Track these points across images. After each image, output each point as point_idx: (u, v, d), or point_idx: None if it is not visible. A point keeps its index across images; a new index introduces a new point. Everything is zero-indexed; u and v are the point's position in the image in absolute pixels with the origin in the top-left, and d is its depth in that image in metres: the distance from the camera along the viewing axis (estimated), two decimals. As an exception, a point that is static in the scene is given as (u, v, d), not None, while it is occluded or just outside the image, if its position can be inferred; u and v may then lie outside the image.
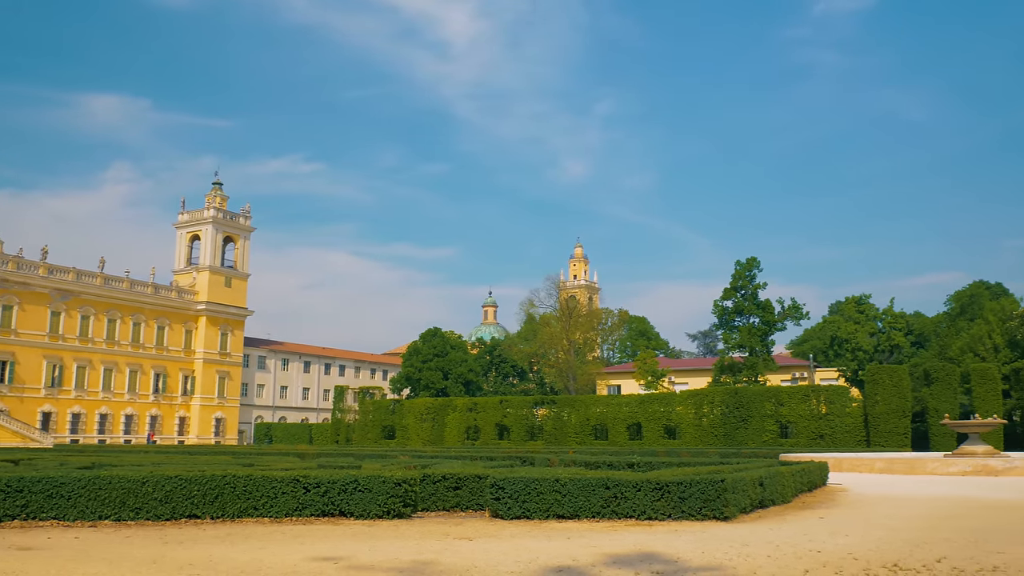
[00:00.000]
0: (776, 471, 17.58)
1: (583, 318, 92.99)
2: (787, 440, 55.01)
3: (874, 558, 10.28)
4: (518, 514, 14.50)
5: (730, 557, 10.30)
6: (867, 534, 12.58)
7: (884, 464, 30.18)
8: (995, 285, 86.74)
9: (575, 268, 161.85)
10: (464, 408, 68.59)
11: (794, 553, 10.69)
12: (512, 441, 64.32)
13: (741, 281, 67.52)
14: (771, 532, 12.81)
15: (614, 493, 14.32)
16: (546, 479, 14.67)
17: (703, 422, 57.94)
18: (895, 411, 51.54)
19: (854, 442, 52.84)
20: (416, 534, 12.74)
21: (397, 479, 14.79)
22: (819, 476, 22.02)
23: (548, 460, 26.05)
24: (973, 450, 31.96)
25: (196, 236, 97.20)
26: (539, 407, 66.54)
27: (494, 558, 10.38)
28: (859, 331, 73.22)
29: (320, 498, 14.68)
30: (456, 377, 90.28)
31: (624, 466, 22.35)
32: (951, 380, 52.44)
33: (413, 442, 67.62)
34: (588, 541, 11.78)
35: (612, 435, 60.96)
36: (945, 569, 9.49)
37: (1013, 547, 11.08)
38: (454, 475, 16.47)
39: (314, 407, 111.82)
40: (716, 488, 14.03)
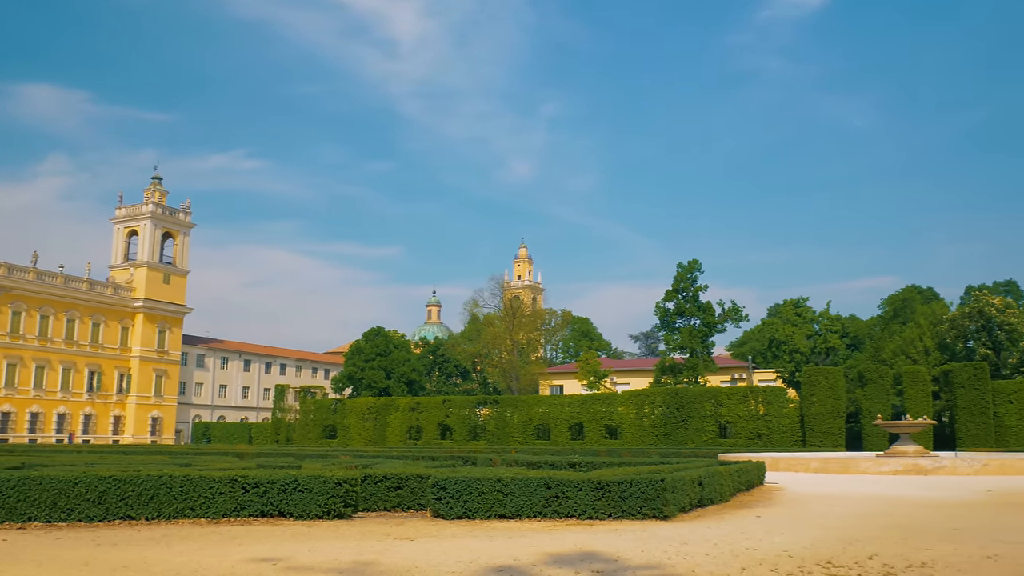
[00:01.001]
0: (715, 471, 17.83)
1: (527, 318, 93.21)
2: (726, 440, 55.83)
3: (808, 556, 10.49)
4: (459, 514, 14.49)
5: (669, 556, 10.43)
6: (802, 532, 12.83)
7: (819, 464, 30.80)
8: (927, 290, 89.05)
9: (519, 268, 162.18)
10: (406, 408, 68.26)
11: (731, 551, 10.86)
12: (454, 441, 64.21)
13: (683, 283, 68.31)
14: (709, 531, 12.99)
15: (556, 493, 14.38)
16: (488, 479, 14.68)
17: (644, 422, 58.49)
18: (830, 412, 52.63)
19: (791, 442, 53.84)
20: (357, 534, 12.65)
21: (338, 479, 14.67)
22: (756, 475, 22.39)
23: (490, 460, 26.07)
24: (904, 450, 32.78)
25: (134, 231, 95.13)
26: (482, 407, 66.54)
27: (435, 558, 10.35)
28: (796, 333, 74.57)
29: (259, 498, 14.49)
30: (399, 377, 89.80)
31: (566, 466, 22.46)
32: (884, 382, 53.73)
33: (355, 442, 67.09)
34: (529, 541, 11.82)
35: (554, 435, 61.22)
36: (876, 566, 9.72)
37: (941, 544, 11.40)
38: (395, 475, 16.39)
39: (254, 406, 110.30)
40: (656, 488, 14.18)
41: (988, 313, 63.58)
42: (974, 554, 10.51)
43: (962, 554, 10.51)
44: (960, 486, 22.63)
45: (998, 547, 11.05)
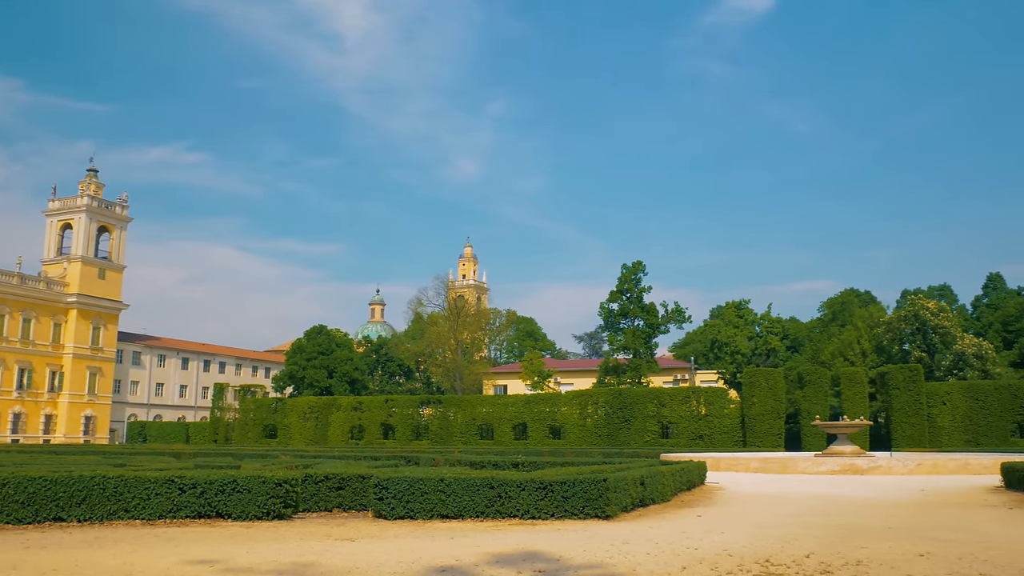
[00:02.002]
0: (657, 471, 17.96)
1: (471, 318, 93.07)
2: (668, 440, 56.38)
3: (747, 554, 10.60)
4: (402, 514, 14.37)
5: (611, 555, 10.45)
6: (741, 531, 12.97)
7: (759, 464, 31.24)
8: (864, 293, 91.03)
9: (464, 268, 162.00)
10: (349, 407, 67.67)
11: (672, 550, 10.93)
12: (397, 441, 63.84)
13: (627, 284, 68.81)
14: (651, 530, 13.06)
15: (498, 493, 14.34)
16: (430, 479, 14.59)
17: (587, 422, 58.78)
18: (770, 412, 53.47)
19: (731, 442, 54.57)
20: (297, 535, 12.46)
21: (278, 479, 14.44)
22: (698, 475, 22.61)
23: (433, 460, 25.97)
24: (841, 450, 33.41)
25: (68, 225, 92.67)
26: (425, 407, 66.24)
27: (376, 559, 10.24)
28: (738, 335, 75.62)
29: (196, 499, 14.20)
30: (341, 376, 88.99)
31: (509, 466, 22.46)
32: (822, 383, 54.76)
33: (295, 441, 66.30)
34: (472, 541, 11.76)
35: (498, 435, 61.22)
36: (813, 564, 9.86)
37: (876, 542, 11.61)
38: (337, 475, 16.21)
39: (192, 405, 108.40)
40: (599, 487, 14.23)
41: (923, 317, 65.19)
42: (907, 551, 10.73)
43: (896, 552, 10.72)
44: (895, 485, 23.13)
45: (930, 545, 11.29)
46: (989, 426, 50.93)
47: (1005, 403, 51.10)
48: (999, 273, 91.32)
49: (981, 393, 51.87)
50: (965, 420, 51.49)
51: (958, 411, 51.73)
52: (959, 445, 50.29)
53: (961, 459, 29.62)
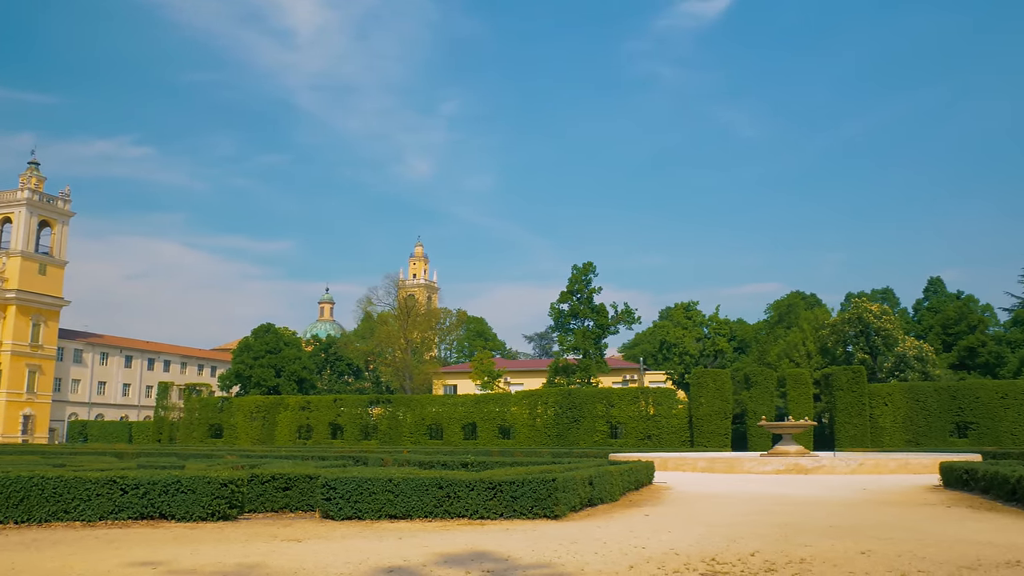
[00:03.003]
0: (605, 470, 18.06)
1: (421, 317, 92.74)
2: (617, 440, 56.75)
3: (694, 553, 10.71)
4: (350, 514, 14.25)
5: (559, 555, 10.48)
6: (688, 530, 13.09)
7: (706, 463, 31.58)
8: (810, 296, 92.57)
9: (415, 267, 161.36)
10: (296, 407, 66.99)
11: (620, 550, 10.99)
12: (346, 440, 63.35)
13: (577, 285, 69.13)
14: (599, 530, 13.13)
15: (447, 493, 14.30)
16: (379, 479, 14.50)
17: (537, 422, 58.92)
18: (717, 413, 54.12)
19: (679, 442, 55.11)
20: (242, 536, 12.29)
21: (223, 479, 14.23)
22: (646, 475, 22.78)
23: (382, 460, 25.83)
24: (786, 450, 33.93)
25: (7, 219, 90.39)
26: (374, 406, 65.82)
27: (323, 559, 10.14)
28: (686, 336, 76.46)
29: (139, 500, 13.94)
30: (289, 375, 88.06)
31: (458, 466, 22.42)
32: (768, 384, 55.58)
33: (242, 441, 65.44)
34: (420, 541, 11.71)
35: (447, 435, 61.09)
36: (758, 562, 9.99)
37: (819, 540, 11.81)
38: (284, 475, 16.02)
39: (135, 404, 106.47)
40: (547, 487, 14.26)
41: (866, 319, 66.54)
42: (849, 549, 10.92)
43: (839, 550, 10.91)
44: (838, 485, 23.55)
45: (871, 543, 11.51)
46: (929, 426, 52.13)
47: (944, 404, 52.36)
48: (939, 277, 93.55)
49: (921, 394, 53.08)
50: (906, 421, 52.64)
51: (899, 412, 52.86)
52: (900, 445, 51.40)
53: (902, 459, 30.27)
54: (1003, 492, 17.64)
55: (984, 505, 16.93)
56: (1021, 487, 16.61)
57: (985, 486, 18.91)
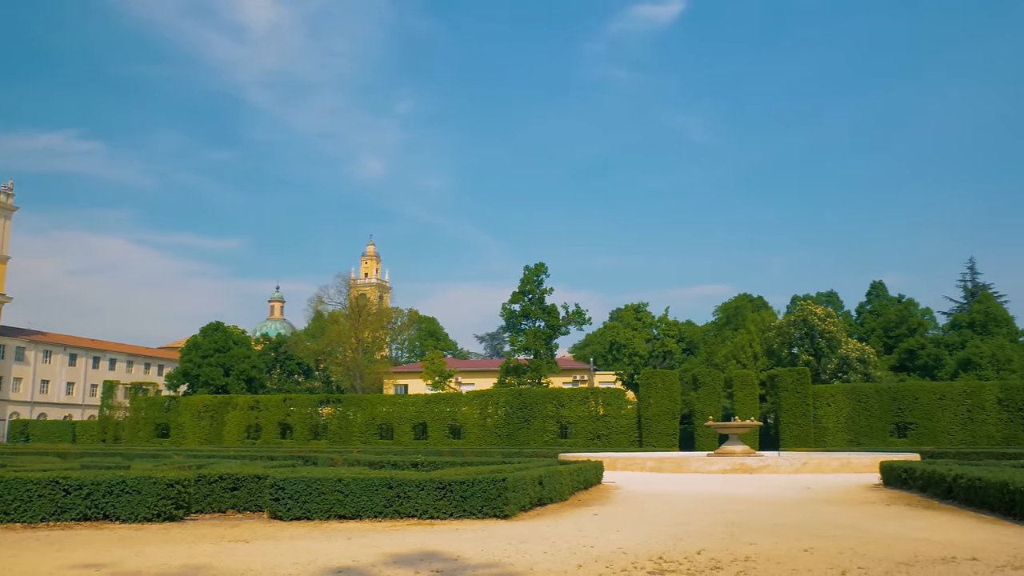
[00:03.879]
0: (555, 470, 18.17)
1: (373, 317, 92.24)
2: (567, 440, 57.04)
3: (642, 552, 10.85)
4: (298, 515, 14.18)
5: (509, 554, 10.55)
6: (636, 529, 13.26)
7: (654, 463, 31.90)
8: (757, 298, 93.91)
9: (367, 266, 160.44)
10: (245, 406, 66.19)
11: (569, 549, 11.10)
12: (295, 440, 62.78)
13: (529, 286, 69.35)
14: (548, 529, 13.23)
15: (397, 493, 14.29)
16: (328, 479, 14.44)
17: (487, 422, 58.97)
18: (666, 413, 54.67)
19: (628, 442, 55.56)
20: (189, 538, 12.17)
21: (169, 480, 14.06)
22: (595, 475, 22.96)
23: (331, 460, 25.72)
24: (732, 450, 34.42)
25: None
26: (324, 406, 65.31)
27: (272, 560, 10.09)
28: (636, 337, 77.13)
29: (82, 501, 13.71)
30: (238, 374, 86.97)
31: (408, 466, 22.38)
32: (716, 385, 56.30)
33: (189, 441, 64.49)
34: (369, 541, 11.70)
35: (398, 435, 60.87)
36: (704, 560, 10.17)
37: (763, 538, 12.04)
38: (232, 475, 15.87)
39: (79, 403, 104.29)
40: (497, 487, 14.33)
41: (811, 322, 67.74)
42: (793, 547, 11.16)
43: (782, 548, 11.14)
44: (782, 484, 23.96)
45: (814, 541, 11.77)
46: (870, 427, 53.24)
47: (885, 405, 53.52)
48: (881, 281, 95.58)
49: (863, 395, 54.19)
50: (848, 421, 53.70)
51: (842, 412, 53.91)
52: (842, 445, 52.42)
53: (844, 458, 30.87)
54: (940, 490, 18.14)
55: (922, 503, 17.39)
56: (957, 486, 17.09)
57: (923, 485, 19.42)
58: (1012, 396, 51.48)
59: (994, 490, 15.13)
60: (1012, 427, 50.84)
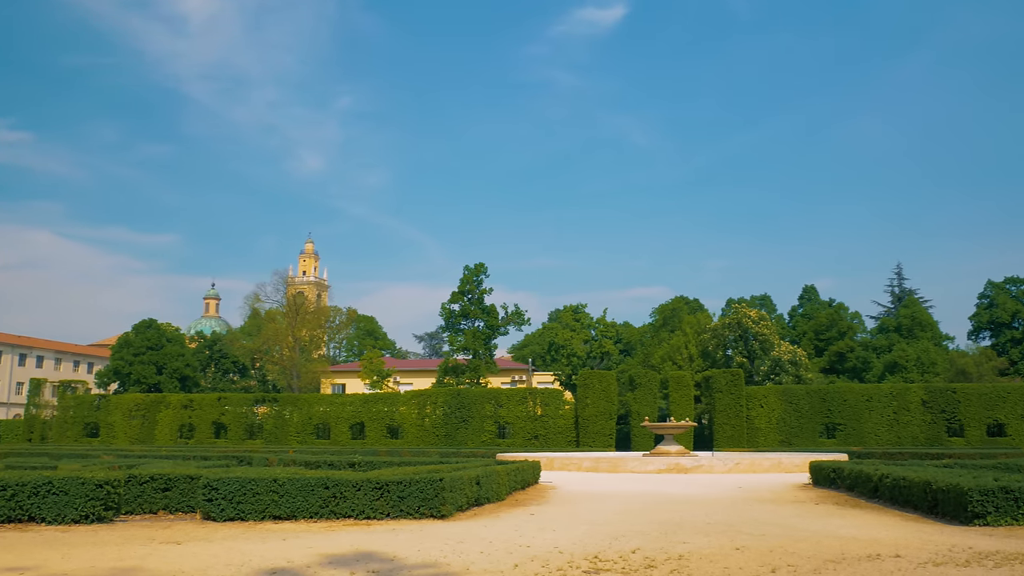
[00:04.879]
0: (492, 470, 18.22)
1: (311, 315, 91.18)
2: (505, 440, 57.14)
3: (577, 551, 10.96)
4: (232, 516, 13.98)
5: (445, 554, 10.56)
6: (572, 529, 13.37)
7: (591, 463, 32.13)
8: (693, 301, 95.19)
9: (305, 264, 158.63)
10: (179, 405, 64.89)
11: (505, 548, 11.15)
12: (230, 440, 61.75)
13: (469, 286, 69.29)
14: (485, 529, 13.26)
15: (333, 493, 14.19)
16: (263, 479, 14.27)
17: (425, 422, 58.76)
18: (603, 414, 55.10)
19: (565, 442, 55.86)
20: (118, 539, 11.92)
21: (98, 480, 13.75)
22: (532, 475, 23.06)
23: (267, 459, 25.41)
24: (667, 450, 34.84)
25: None
26: (260, 405, 64.34)
27: (203, 562, 9.95)
28: (574, 338, 77.66)
29: (6, 502, 13.33)
30: (171, 372, 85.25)
31: (345, 465, 22.23)
32: (652, 386, 56.91)
33: (119, 440, 62.98)
34: (304, 542, 11.61)
35: (335, 434, 60.29)
36: (638, 559, 10.31)
37: (696, 537, 12.24)
38: (164, 475, 15.59)
39: (4, 402, 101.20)
40: (435, 487, 14.32)
41: (745, 324, 68.94)
42: (725, 546, 11.37)
43: (715, 546, 11.34)
44: (716, 483, 24.36)
45: (745, 539, 12.01)
46: (800, 427, 54.38)
47: (815, 406, 54.71)
48: (813, 286, 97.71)
49: (794, 397, 55.32)
50: (780, 422, 54.77)
51: (774, 413, 54.96)
52: (774, 445, 53.44)
53: (775, 458, 31.47)
54: (866, 489, 18.65)
55: (849, 502, 17.84)
56: (882, 485, 17.59)
57: (850, 484, 19.93)
58: (935, 398, 53.07)
59: (917, 489, 15.61)
60: (935, 428, 52.41)
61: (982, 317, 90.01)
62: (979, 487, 13.49)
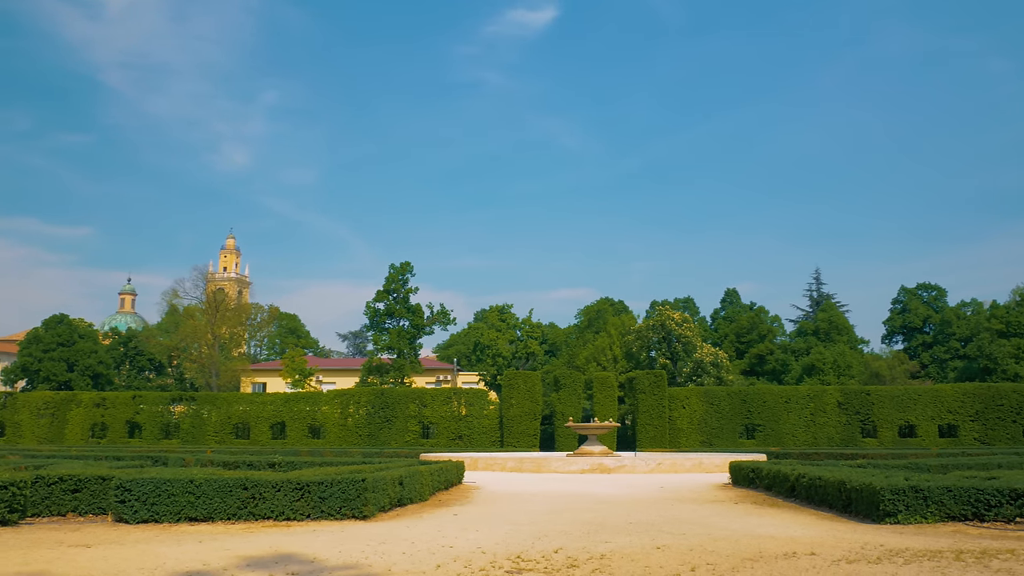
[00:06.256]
0: (415, 470, 18.09)
1: (231, 312, 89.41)
2: (429, 440, 56.90)
3: (500, 551, 10.92)
4: (146, 518, 13.57)
5: (367, 555, 10.42)
6: (495, 529, 13.34)
7: (515, 463, 32.21)
8: (618, 302, 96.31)
9: (226, 260, 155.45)
10: (91, 403, 62.91)
11: (428, 549, 11.06)
12: (144, 440, 60.13)
13: (394, 284, 68.80)
14: (408, 530, 13.15)
15: (252, 494, 13.89)
16: (179, 480, 13.88)
17: (348, 422, 58.16)
18: (527, 414, 55.31)
19: (490, 442, 55.91)
20: (23, 543, 11.45)
21: (3, 481, 13.20)
22: (456, 475, 22.99)
23: (183, 460, 24.82)
24: (591, 450, 35.13)
25: None
26: (177, 404, 62.77)
27: (115, 565, 9.62)
28: (500, 338, 77.76)
29: (-98, 504, 12.70)
30: (83, 369, 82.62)
31: (265, 466, 21.84)
32: (577, 386, 57.33)
33: (27, 440, 60.75)
34: (222, 544, 11.32)
35: (255, 434, 59.22)
36: (561, 559, 10.32)
37: (618, 536, 12.33)
38: (74, 476, 15.05)
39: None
40: (357, 488, 14.13)
41: (668, 326, 69.99)
42: (646, 545, 11.47)
43: (636, 545, 11.43)
44: (638, 483, 24.62)
45: (666, 538, 12.14)
46: (721, 428, 55.44)
47: (735, 407, 55.84)
48: (735, 289, 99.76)
49: (715, 398, 56.37)
50: (701, 423, 55.74)
51: (695, 414, 55.91)
52: (695, 446, 54.36)
53: (696, 459, 32.00)
54: (783, 489, 19.07)
55: (767, 501, 18.22)
56: (799, 484, 18.00)
57: (768, 484, 20.36)
58: (850, 400, 54.68)
59: (832, 488, 16.02)
60: (850, 429, 53.99)
61: (895, 322, 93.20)
62: (890, 487, 13.90)
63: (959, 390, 54.42)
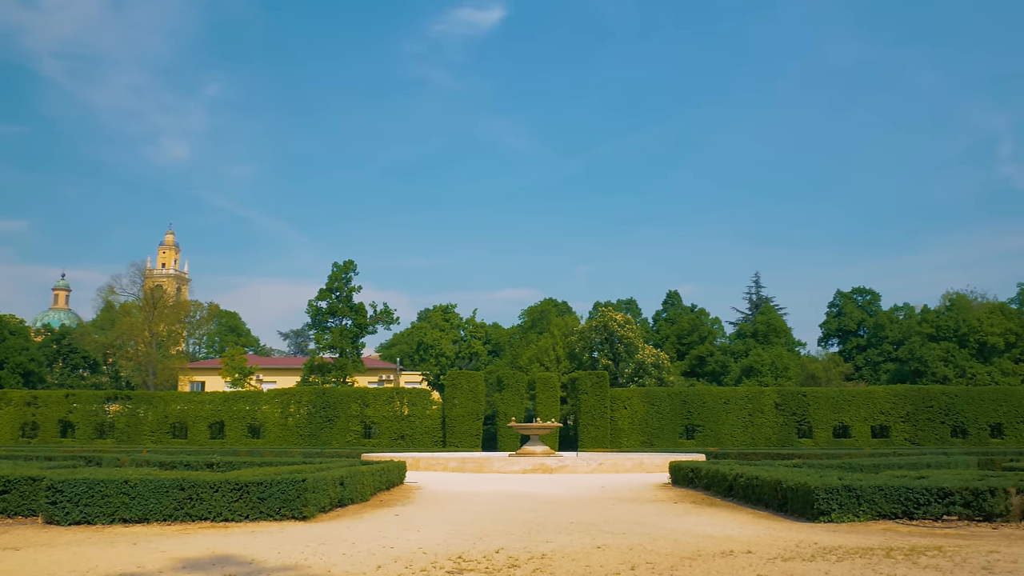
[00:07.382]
0: (357, 470, 17.98)
1: (169, 309, 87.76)
2: (371, 440, 56.55)
3: (441, 551, 10.91)
4: (78, 519, 13.26)
5: (306, 556, 10.33)
6: (437, 529, 13.31)
7: (457, 463, 32.18)
8: (562, 303, 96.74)
9: (164, 256, 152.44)
10: (21, 402, 61.24)
11: (368, 550, 11.00)
12: (78, 439, 58.72)
13: (337, 283, 68.25)
14: (348, 530, 13.06)
15: (189, 495, 13.67)
16: (113, 480, 13.60)
17: (289, 422, 57.53)
18: (470, 414, 55.31)
19: (432, 442, 55.77)
20: (-52, 545, 11.11)
21: (-72, 482, 12.80)
22: (397, 475, 22.89)
23: (118, 460, 24.34)
24: (533, 450, 35.25)
25: None
26: (112, 402, 61.40)
27: (45, 568, 9.38)
28: (444, 338, 77.64)
29: None
30: (14, 367, 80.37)
31: (203, 466, 21.51)
32: (520, 387, 57.52)
33: (-47, 440, 58.94)
34: (157, 546, 11.12)
35: (192, 434, 58.24)
36: (502, 559, 10.35)
37: (559, 536, 12.40)
38: (2, 477, 14.67)
39: None
40: (296, 488, 14.00)
41: (611, 327, 70.55)
42: (587, 544, 11.56)
43: (577, 545, 11.51)
44: (579, 483, 24.77)
45: (606, 538, 12.24)
46: (662, 428, 56.07)
47: (676, 408, 56.54)
48: (677, 291, 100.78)
49: (656, 399, 57.00)
50: (642, 423, 56.31)
51: (636, 415, 56.46)
52: (636, 446, 54.89)
53: (637, 459, 32.30)
54: (721, 488, 19.36)
55: (706, 500, 18.48)
56: (737, 484, 18.30)
57: (707, 483, 20.66)
58: (787, 401, 55.74)
59: (769, 488, 16.32)
60: (787, 430, 55.03)
61: (831, 325, 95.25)
62: (825, 486, 14.21)
63: (891, 392, 55.83)
